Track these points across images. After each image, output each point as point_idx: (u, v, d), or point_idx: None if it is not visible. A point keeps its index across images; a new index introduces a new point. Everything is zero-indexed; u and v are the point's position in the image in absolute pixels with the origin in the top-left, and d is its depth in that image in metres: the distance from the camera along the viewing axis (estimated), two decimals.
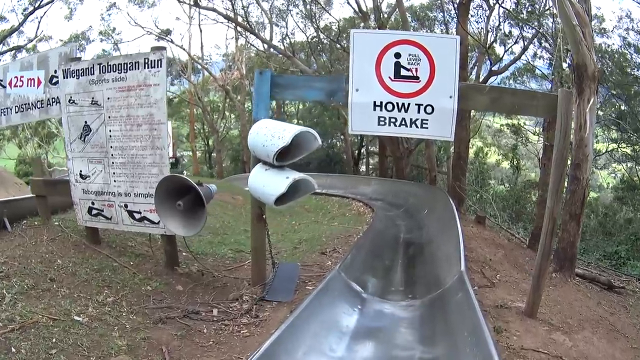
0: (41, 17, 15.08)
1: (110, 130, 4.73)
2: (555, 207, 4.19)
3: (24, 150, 20.77)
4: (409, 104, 4.29)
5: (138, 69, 4.55)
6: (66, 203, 5.67)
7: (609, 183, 22.13)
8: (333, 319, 3.83)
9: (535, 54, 16.18)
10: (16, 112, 5.34)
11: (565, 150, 4.15)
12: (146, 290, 4.50)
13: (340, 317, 4.01)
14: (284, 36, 21.74)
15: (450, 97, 4.23)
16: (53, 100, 5.10)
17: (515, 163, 18.05)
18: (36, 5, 13.20)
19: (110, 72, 4.66)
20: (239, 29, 21.05)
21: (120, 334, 3.58)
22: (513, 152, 18.50)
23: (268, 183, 3.98)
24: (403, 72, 4.25)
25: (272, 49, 20.49)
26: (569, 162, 5.27)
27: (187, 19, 22.97)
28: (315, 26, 19.19)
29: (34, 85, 5.17)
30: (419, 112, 4.29)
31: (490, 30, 15.89)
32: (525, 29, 14.89)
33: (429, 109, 4.29)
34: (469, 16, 13.10)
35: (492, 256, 6.56)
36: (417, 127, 4.34)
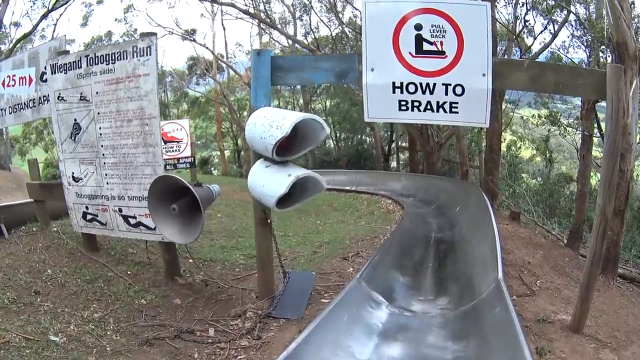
0: (57, 20, 15.12)
1: (100, 128, 4.30)
2: (607, 204, 3.46)
3: (51, 153, 21.19)
4: (434, 85, 3.59)
5: (126, 58, 4.09)
6: None
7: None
8: (349, 341, 3.25)
9: (565, 43, 14.88)
10: (10, 113, 5.03)
11: (618, 137, 3.41)
12: (139, 305, 4.03)
13: (359, 338, 3.43)
14: (307, 31, 21.15)
15: (484, 74, 3.51)
16: (44, 98, 4.74)
17: (548, 155, 16.88)
18: (49, 8, 13.20)
19: (98, 64, 4.22)
20: (262, 25, 20.64)
21: (96, 359, 3.10)
22: (545, 144, 17.35)
23: (268, 182, 3.39)
24: (426, 47, 3.55)
25: (296, 45, 19.95)
26: None
27: (209, 17, 22.79)
28: (339, 20, 18.46)
29: (25, 84, 4.84)
30: (446, 93, 3.59)
31: (518, 17, 14.73)
32: (556, 13, 13.66)
33: (458, 90, 3.58)
34: (495, 3, 12.09)
35: (531, 258, 5.99)
36: (445, 111, 3.64)
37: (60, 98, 4.44)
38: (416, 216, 9.24)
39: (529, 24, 14.56)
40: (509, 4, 14.25)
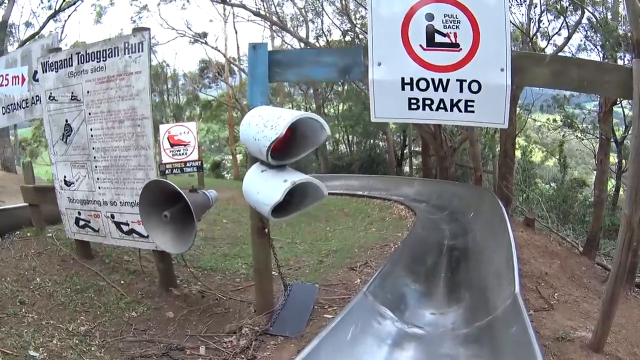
0: (65, 21, 15.12)
1: (91, 129, 4.08)
2: (634, 214, 3.08)
3: None
4: (448, 81, 3.25)
5: (118, 55, 3.86)
6: None
7: None
8: None
9: (579, 46, 14.39)
10: (3, 114, 4.85)
11: None
12: (129, 317, 3.77)
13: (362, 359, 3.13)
14: (319, 34, 20.92)
15: (502, 69, 3.17)
16: (37, 98, 4.54)
17: (562, 160, 16.36)
18: (57, 8, 13.19)
19: (88, 61, 4.00)
20: (274, 28, 20.51)
21: None
22: (560, 148, 16.85)
23: (263, 189, 3.09)
24: (438, 39, 3.22)
25: (308, 47, 19.73)
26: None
27: (221, 20, 22.71)
28: (351, 23, 18.17)
29: (18, 83, 4.65)
30: (461, 90, 3.25)
31: (532, 18, 14.30)
32: (570, 14, 13.23)
33: (474, 86, 3.24)
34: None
35: (548, 269, 5.72)
36: (460, 110, 3.30)
37: (51, 98, 4.24)
38: (429, 222, 8.95)
39: (543, 25, 14.19)
40: (522, 3, 13.86)
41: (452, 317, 4.04)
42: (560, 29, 13.99)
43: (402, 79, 3.32)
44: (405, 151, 24.17)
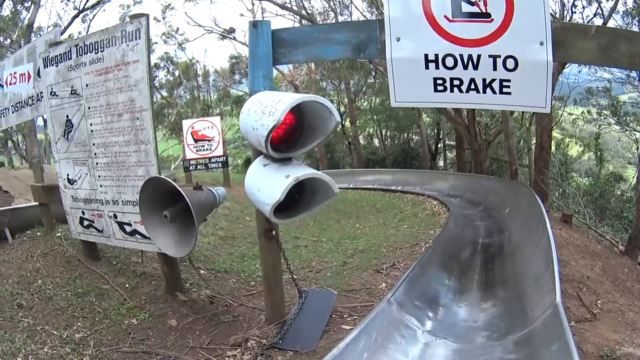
0: (90, 21, 15.34)
1: (91, 124, 3.84)
2: None
3: None
4: (479, 57, 2.76)
5: (115, 44, 3.58)
6: None
7: None
8: None
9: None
10: (12, 112, 4.73)
11: None
12: (129, 325, 3.51)
13: None
14: None
15: (541, 43, 2.65)
16: (41, 94, 4.36)
17: (598, 153, 15.45)
18: (80, 8, 13.35)
19: (87, 53, 3.76)
20: (303, 21, 20.13)
21: None
22: (596, 141, 15.96)
23: (264, 186, 2.70)
24: (465, 8, 2.73)
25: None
26: None
27: (249, 15, 22.55)
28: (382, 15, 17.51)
29: (25, 81, 4.51)
30: (495, 68, 2.75)
31: (565, 5, 13.28)
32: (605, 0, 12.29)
33: (510, 63, 2.73)
34: None
35: (589, 272, 5.31)
36: (494, 92, 2.81)
37: (52, 93, 4.04)
38: (463, 219, 8.53)
39: (577, 9, 13.31)
40: None
41: (485, 326, 3.61)
42: (594, 16, 13.09)
43: (426, 56, 2.85)
44: (439, 145, 23.40)
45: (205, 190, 3.70)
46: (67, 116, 3.97)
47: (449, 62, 2.82)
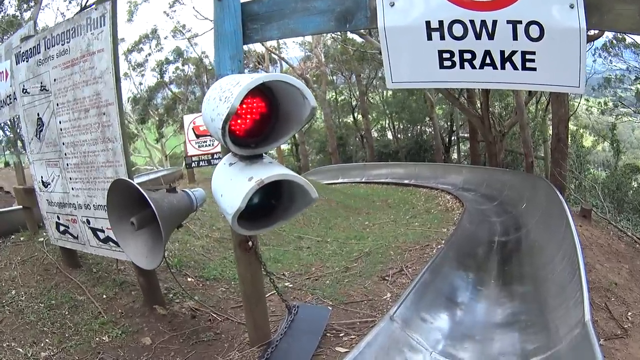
0: None
1: (60, 122, 3.51)
2: None
3: None
4: (494, 23, 2.25)
5: (81, 34, 3.23)
6: None
7: None
8: None
9: None
10: None
11: None
12: (99, 343, 3.18)
13: None
14: None
15: (571, 6, 2.14)
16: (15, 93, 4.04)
17: (615, 144, 14.99)
18: (83, 5, 13.10)
19: (54, 45, 3.42)
20: None
21: None
22: (612, 132, 15.63)
23: (226, 190, 2.28)
24: None
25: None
26: None
27: None
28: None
29: (3, 79, 4.20)
30: (515, 37, 2.24)
31: None
32: None
33: (534, 31, 2.22)
34: None
35: (616, 277, 4.94)
36: (514, 67, 2.30)
37: (24, 91, 3.73)
38: (477, 214, 8.16)
39: None
40: None
41: (503, 343, 3.23)
42: None
43: (427, 23, 2.36)
44: (452, 137, 22.73)
45: (180, 192, 3.32)
46: (38, 114, 3.65)
47: (457, 30, 2.31)
